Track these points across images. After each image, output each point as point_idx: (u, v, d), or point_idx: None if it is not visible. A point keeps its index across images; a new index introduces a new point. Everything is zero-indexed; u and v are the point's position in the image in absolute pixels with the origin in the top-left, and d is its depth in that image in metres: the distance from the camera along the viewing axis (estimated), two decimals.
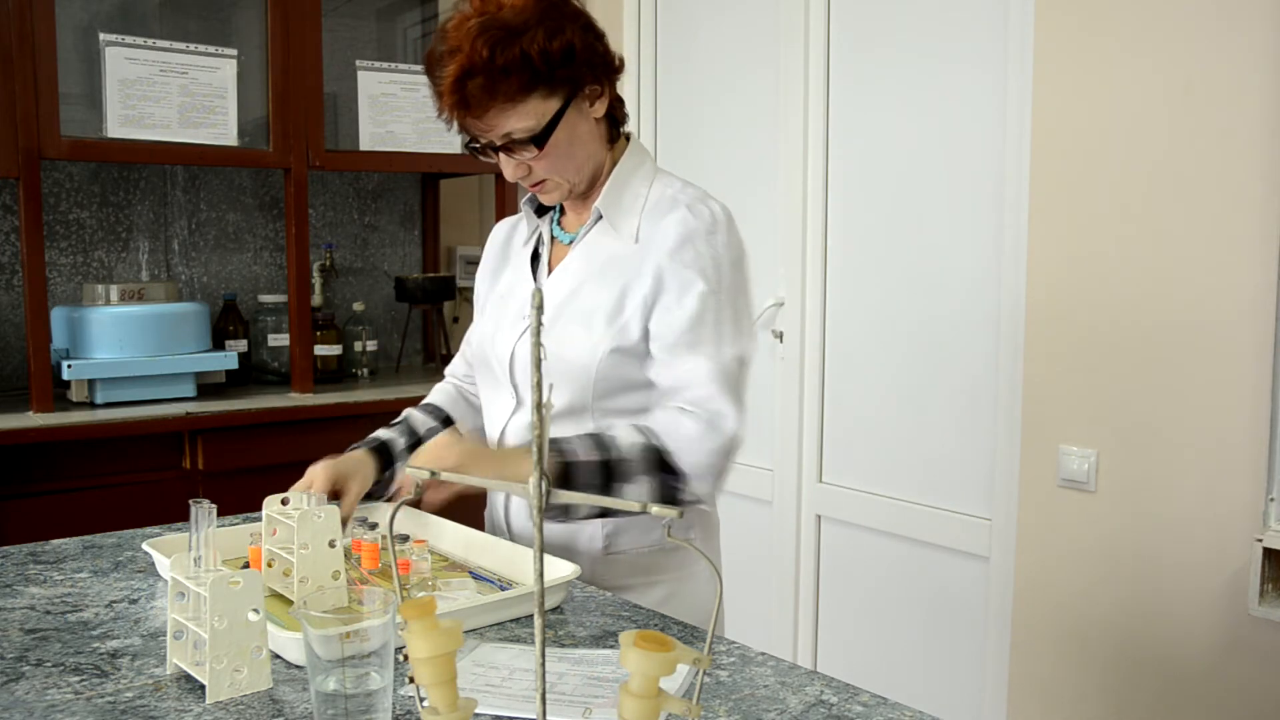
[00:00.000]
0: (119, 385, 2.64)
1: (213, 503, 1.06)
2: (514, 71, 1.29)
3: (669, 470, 1.31)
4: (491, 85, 1.29)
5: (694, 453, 1.30)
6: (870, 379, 2.54)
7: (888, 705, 1.00)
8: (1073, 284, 2.07)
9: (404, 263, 3.50)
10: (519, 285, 1.53)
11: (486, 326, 1.54)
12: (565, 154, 1.38)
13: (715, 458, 1.32)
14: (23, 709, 0.99)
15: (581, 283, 1.43)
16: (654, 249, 1.38)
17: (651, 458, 1.30)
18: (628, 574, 1.46)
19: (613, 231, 1.43)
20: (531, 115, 1.32)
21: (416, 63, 3.27)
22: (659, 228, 1.40)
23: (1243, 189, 1.83)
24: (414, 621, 0.77)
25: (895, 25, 2.43)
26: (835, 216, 2.59)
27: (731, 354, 1.36)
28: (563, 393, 1.40)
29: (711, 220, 1.39)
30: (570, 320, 1.41)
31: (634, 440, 1.30)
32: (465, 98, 1.30)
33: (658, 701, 0.74)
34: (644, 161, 1.47)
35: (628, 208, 1.43)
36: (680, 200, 1.42)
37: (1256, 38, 1.80)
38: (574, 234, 1.48)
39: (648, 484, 1.31)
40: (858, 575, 2.59)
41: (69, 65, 2.69)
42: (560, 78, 1.33)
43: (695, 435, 1.30)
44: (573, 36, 1.33)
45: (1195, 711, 1.94)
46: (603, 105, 1.40)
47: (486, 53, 1.28)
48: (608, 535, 1.45)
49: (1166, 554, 1.96)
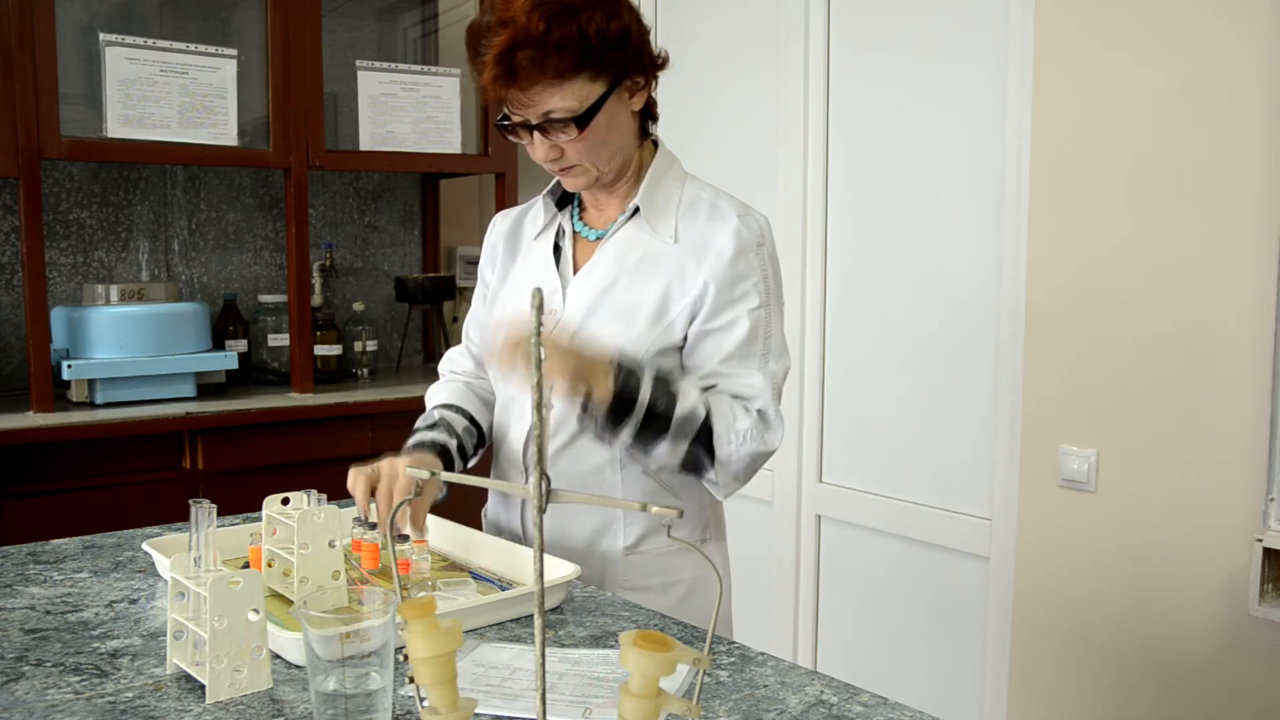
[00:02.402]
0: (119, 385, 2.64)
1: (213, 503, 1.06)
2: (567, 48, 1.28)
3: (709, 451, 1.34)
4: (542, 58, 1.28)
5: (737, 447, 1.35)
6: (870, 379, 2.54)
7: (888, 705, 1.00)
8: (1073, 284, 2.07)
9: (404, 263, 3.50)
10: (538, 279, 1.50)
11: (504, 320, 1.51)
12: (602, 140, 1.37)
13: (751, 461, 1.37)
14: (23, 709, 0.99)
15: (616, 278, 1.42)
16: (705, 257, 1.39)
17: (702, 432, 1.32)
18: (647, 575, 1.46)
19: (648, 229, 1.43)
20: (575, 96, 1.31)
21: (417, 62, 3.27)
22: (707, 234, 1.40)
23: (1242, 189, 1.83)
24: (414, 621, 0.77)
25: (895, 25, 2.43)
26: (835, 216, 2.59)
27: (779, 368, 1.42)
28: None
29: (760, 234, 1.42)
30: (608, 316, 1.40)
31: (695, 408, 1.32)
32: (513, 68, 1.28)
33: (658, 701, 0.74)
34: (674, 163, 1.49)
35: (662, 206, 1.44)
36: (723, 207, 1.43)
37: (1256, 38, 1.80)
38: (600, 230, 1.47)
39: (685, 452, 1.34)
40: (858, 575, 2.59)
41: (69, 65, 2.69)
42: (610, 62, 1.33)
43: (744, 432, 1.35)
44: (629, 21, 1.35)
45: (1195, 711, 1.94)
46: (641, 99, 1.41)
47: (543, 26, 1.27)
48: (631, 536, 1.45)
49: (1166, 554, 1.96)
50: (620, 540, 1.45)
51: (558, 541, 1.46)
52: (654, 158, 1.47)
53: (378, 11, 3.43)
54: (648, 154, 1.48)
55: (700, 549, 0.76)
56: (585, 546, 1.46)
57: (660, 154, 1.47)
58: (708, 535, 1.52)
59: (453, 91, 3.05)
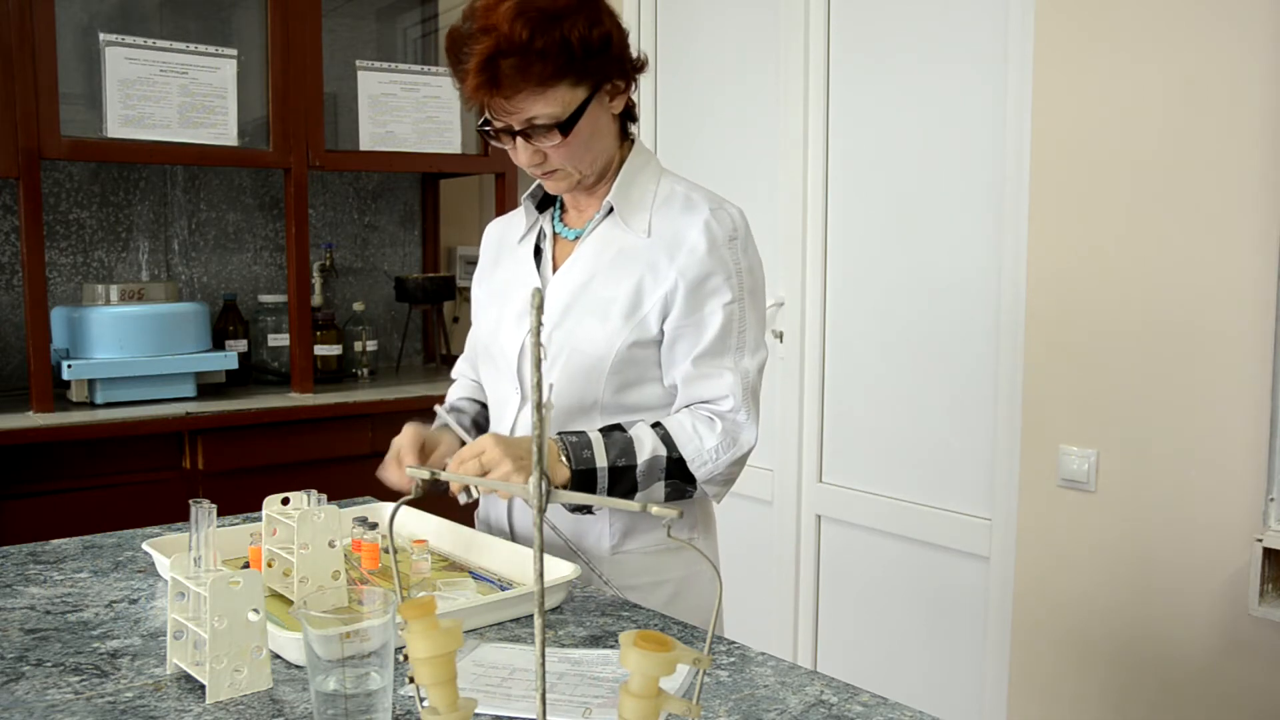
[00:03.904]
0: (119, 385, 2.64)
1: (213, 503, 1.06)
2: (550, 55, 1.29)
3: (686, 478, 1.38)
4: (526, 67, 1.28)
5: (711, 465, 1.38)
6: (870, 379, 2.54)
7: (888, 705, 1.00)
8: (1072, 284, 2.07)
9: (404, 263, 3.50)
10: (519, 280, 1.52)
11: (487, 323, 1.54)
12: (585, 145, 1.38)
13: (731, 469, 1.40)
14: (23, 709, 0.99)
15: (593, 275, 1.43)
16: (677, 251, 1.39)
17: (670, 467, 1.36)
18: (634, 574, 1.46)
19: (623, 225, 1.43)
20: (558, 102, 1.32)
21: (417, 62, 3.27)
22: (679, 228, 1.41)
23: (1243, 189, 1.83)
24: (414, 621, 0.77)
25: (895, 25, 2.43)
26: (835, 216, 2.59)
27: (752, 364, 1.42)
28: (574, 387, 1.40)
29: (733, 227, 1.42)
30: (584, 312, 1.41)
31: (655, 449, 1.35)
32: (496, 77, 1.29)
33: (658, 701, 0.74)
34: (649, 160, 1.49)
35: (637, 202, 1.44)
36: (696, 200, 1.43)
37: (1256, 38, 1.80)
38: (579, 230, 1.49)
39: (663, 488, 1.38)
40: (858, 575, 2.59)
41: (69, 65, 2.69)
42: (592, 68, 1.33)
43: (714, 448, 1.37)
44: (611, 28, 1.35)
45: (1195, 712, 1.94)
46: (621, 102, 1.42)
47: (526, 34, 1.27)
48: (615, 535, 1.45)
49: (1166, 554, 1.96)
50: (606, 540, 1.45)
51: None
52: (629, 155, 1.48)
53: (378, 11, 3.43)
54: (626, 153, 1.48)
55: (699, 549, 0.76)
56: (570, 548, 1.46)
57: (635, 151, 1.48)
58: (695, 534, 1.52)
59: (452, 91, 3.04)
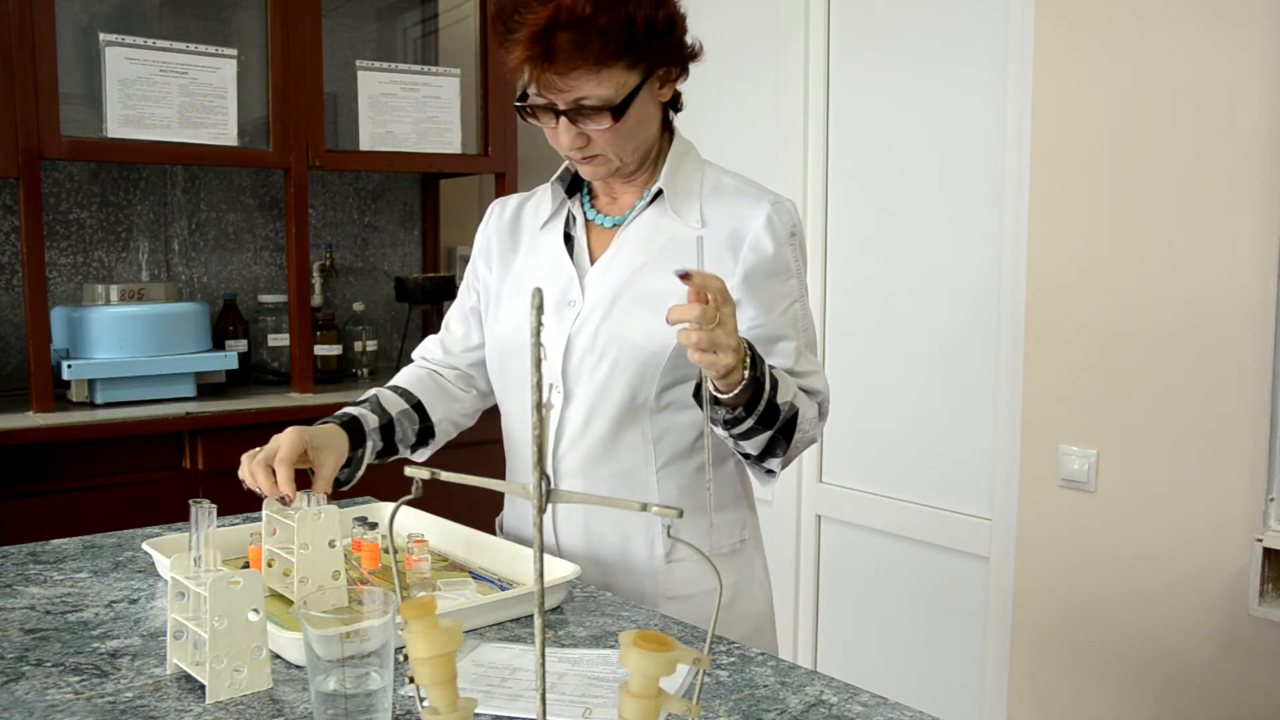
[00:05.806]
0: (119, 385, 2.64)
1: (213, 503, 1.05)
2: (612, 34, 1.22)
3: (788, 440, 1.30)
4: (584, 42, 1.21)
5: (807, 435, 1.34)
6: (870, 379, 2.54)
7: (888, 705, 1.00)
8: (1073, 284, 2.07)
9: (404, 263, 3.50)
10: (549, 270, 1.42)
11: (513, 316, 1.44)
12: (632, 131, 1.32)
13: (804, 449, 1.37)
14: (23, 709, 0.99)
15: (642, 265, 1.36)
16: (740, 244, 1.34)
17: (787, 422, 1.28)
18: (687, 583, 1.41)
19: (671, 213, 1.37)
20: (612, 84, 1.26)
21: (417, 63, 3.27)
22: (739, 220, 1.35)
23: (1242, 189, 1.83)
24: (414, 621, 0.77)
25: (895, 25, 2.43)
26: (835, 216, 2.59)
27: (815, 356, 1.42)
28: (626, 382, 1.34)
29: (794, 223, 1.38)
30: (634, 305, 1.34)
31: (793, 401, 1.27)
32: (551, 50, 1.21)
33: (658, 701, 0.74)
34: (690, 148, 1.44)
35: (684, 191, 1.38)
36: (750, 192, 1.39)
37: (1256, 38, 1.80)
38: (618, 217, 1.41)
39: (768, 439, 1.27)
40: (858, 575, 2.59)
41: (69, 65, 2.69)
42: (651, 51, 1.28)
43: (812, 420, 1.34)
44: (674, 11, 1.31)
45: (1195, 712, 1.94)
46: (670, 90, 1.37)
47: (589, 9, 1.20)
48: (667, 544, 1.39)
49: (1166, 554, 1.96)
50: (659, 548, 1.39)
51: (588, 553, 1.40)
52: (671, 143, 1.42)
53: (378, 11, 3.43)
54: (665, 141, 1.42)
55: (699, 549, 0.76)
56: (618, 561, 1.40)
57: (677, 139, 1.42)
58: (746, 536, 1.48)
59: (453, 91, 3.05)
